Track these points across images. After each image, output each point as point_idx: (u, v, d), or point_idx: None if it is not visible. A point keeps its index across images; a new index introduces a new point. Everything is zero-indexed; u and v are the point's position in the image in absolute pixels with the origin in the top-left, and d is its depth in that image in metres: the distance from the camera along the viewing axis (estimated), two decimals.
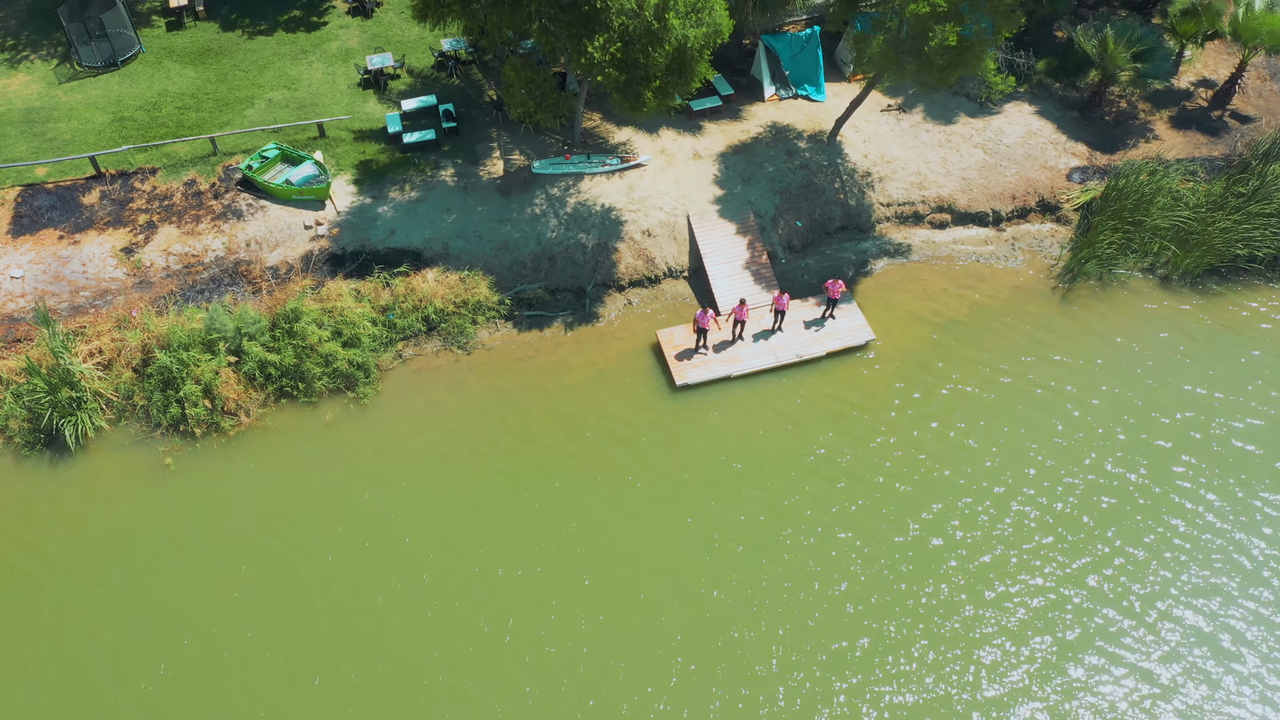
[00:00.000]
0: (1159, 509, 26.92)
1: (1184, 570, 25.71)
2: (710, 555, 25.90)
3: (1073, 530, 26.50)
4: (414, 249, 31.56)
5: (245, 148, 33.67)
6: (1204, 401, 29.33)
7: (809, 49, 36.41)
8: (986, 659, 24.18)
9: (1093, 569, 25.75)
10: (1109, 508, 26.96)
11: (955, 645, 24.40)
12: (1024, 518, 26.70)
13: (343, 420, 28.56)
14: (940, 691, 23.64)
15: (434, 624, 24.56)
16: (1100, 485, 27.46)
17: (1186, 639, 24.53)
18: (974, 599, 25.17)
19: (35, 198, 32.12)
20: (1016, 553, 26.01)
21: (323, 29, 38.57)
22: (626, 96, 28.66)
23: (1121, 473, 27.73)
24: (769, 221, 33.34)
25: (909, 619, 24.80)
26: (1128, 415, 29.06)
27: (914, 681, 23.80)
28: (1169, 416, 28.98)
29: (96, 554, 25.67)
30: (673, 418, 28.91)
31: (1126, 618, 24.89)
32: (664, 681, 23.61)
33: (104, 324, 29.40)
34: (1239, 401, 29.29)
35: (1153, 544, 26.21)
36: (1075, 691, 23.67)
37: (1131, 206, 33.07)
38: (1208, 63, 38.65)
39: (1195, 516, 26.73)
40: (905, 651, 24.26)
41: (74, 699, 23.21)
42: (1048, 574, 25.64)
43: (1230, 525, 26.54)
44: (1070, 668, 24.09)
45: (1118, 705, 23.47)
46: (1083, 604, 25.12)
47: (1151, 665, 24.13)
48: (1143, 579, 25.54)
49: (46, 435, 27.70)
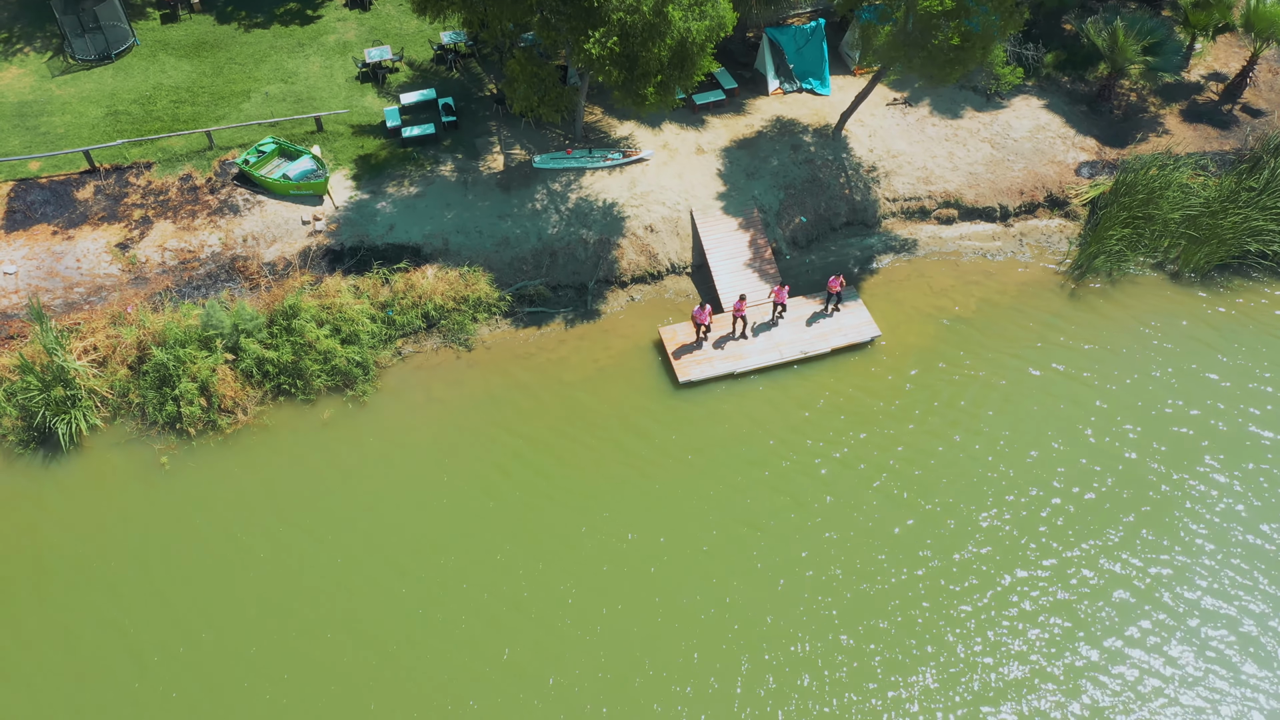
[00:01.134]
0: (1179, 497, 26.60)
1: (1204, 555, 25.46)
2: (721, 549, 25.49)
3: (1091, 516, 26.20)
4: (413, 245, 31.11)
5: (242, 142, 33.19)
6: (1222, 390, 28.93)
7: (813, 42, 35.92)
8: (1004, 643, 23.93)
9: (1110, 555, 25.46)
10: (1129, 497, 26.63)
11: (974, 630, 24.13)
12: (1039, 508, 26.34)
13: (341, 418, 28.14)
14: (962, 674, 23.40)
15: (432, 622, 24.16)
16: (1117, 472, 27.12)
17: (1208, 625, 24.29)
18: (991, 585, 24.92)
19: (28, 192, 31.66)
20: (1033, 540, 25.75)
21: (320, 22, 38.08)
22: (627, 93, 28.27)
23: (1138, 459, 27.41)
24: (773, 217, 32.88)
25: (929, 605, 24.52)
26: (1141, 402, 28.75)
27: (934, 664, 23.56)
28: (1186, 405, 28.58)
29: (89, 554, 25.25)
30: (675, 415, 28.49)
31: (1147, 603, 24.64)
32: (682, 681, 23.28)
33: (99, 320, 28.95)
34: (1258, 390, 28.90)
35: (1173, 531, 25.96)
36: (1093, 676, 23.40)
37: (1141, 201, 32.62)
38: (1218, 56, 38.15)
39: (1214, 503, 26.43)
40: (928, 634, 24.02)
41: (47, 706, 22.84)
42: (1066, 559, 25.37)
43: (1250, 512, 26.32)
44: (1087, 650, 23.86)
45: (1139, 690, 23.25)
46: (1102, 588, 24.85)
47: (1173, 650, 23.91)
48: (1165, 564, 25.28)
49: (40, 434, 27.28)
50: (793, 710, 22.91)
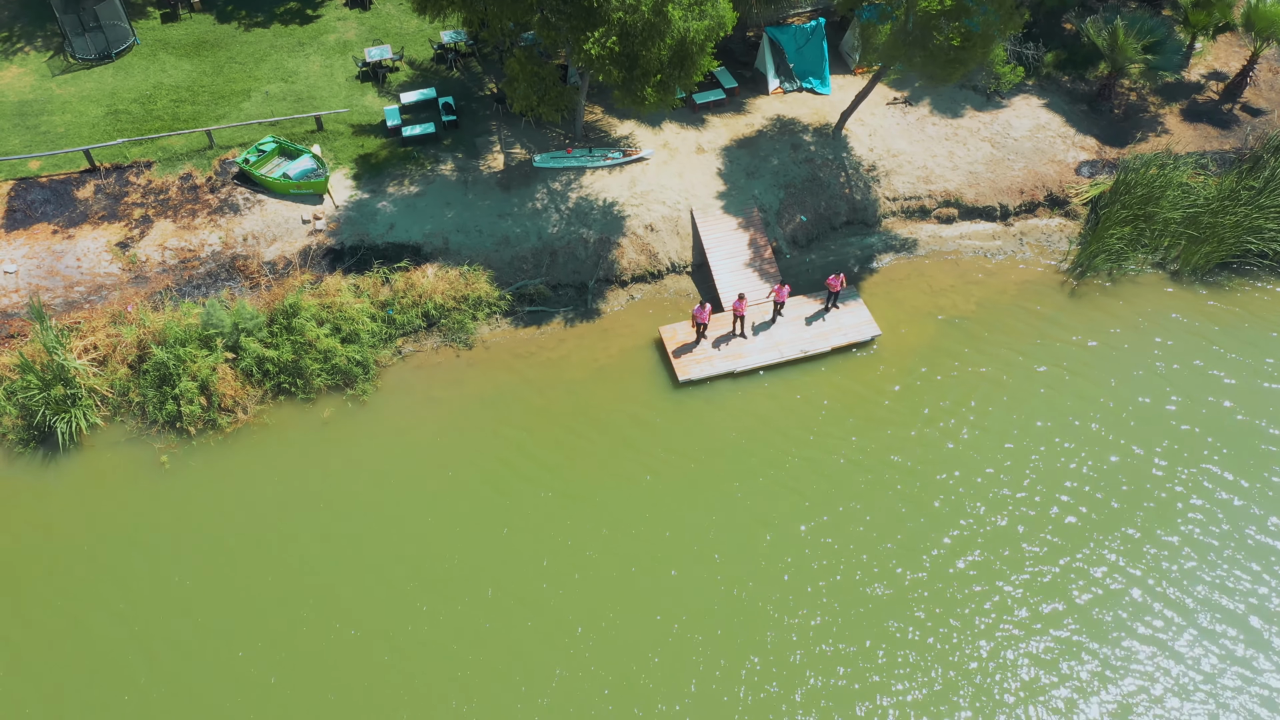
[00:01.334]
0: (1182, 492, 26.65)
1: (1210, 551, 25.51)
2: (723, 547, 25.49)
3: (1097, 511, 26.26)
4: (413, 244, 31.10)
5: (242, 141, 33.19)
6: (1226, 387, 28.95)
7: (814, 41, 35.90)
8: (1011, 639, 23.96)
9: (1117, 549, 25.53)
10: (1135, 493, 26.74)
11: (982, 628, 24.16)
12: (1044, 503, 26.36)
13: (341, 417, 28.13)
14: (970, 669, 23.43)
15: (432, 619, 24.15)
16: (1120, 466, 27.15)
17: (1215, 620, 24.34)
18: (1000, 578, 24.96)
19: (28, 192, 31.66)
20: (1038, 538, 25.76)
21: (320, 21, 38.07)
22: (627, 93, 28.25)
23: (1142, 454, 27.45)
24: (773, 216, 32.86)
25: (936, 601, 24.50)
26: (1144, 397, 28.79)
27: (943, 660, 23.56)
28: (1189, 402, 28.58)
29: (85, 553, 25.24)
30: (676, 413, 28.48)
31: (1152, 597, 24.71)
32: (687, 676, 23.29)
33: (99, 319, 28.94)
34: (1262, 386, 28.94)
35: (1178, 525, 26.02)
36: (1103, 669, 23.42)
37: (1141, 200, 32.61)
38: (1219, 55, 38.13)
39: (1223, 499, 26.45)
40: (935, 631, 24.07)
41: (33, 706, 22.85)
42: (1073, 554, 25.43)
43: (1258, 505, 26.42)
44: (1098, 647, 23.90)
45: (1149, 688, 23.30)
46: (1107, 582, 24.91)
47: (1182, 648, 23.96)
48: (1170, 559, 25.36)
49: (40, 432, 27.28)
50: (795, 712, 22.91)
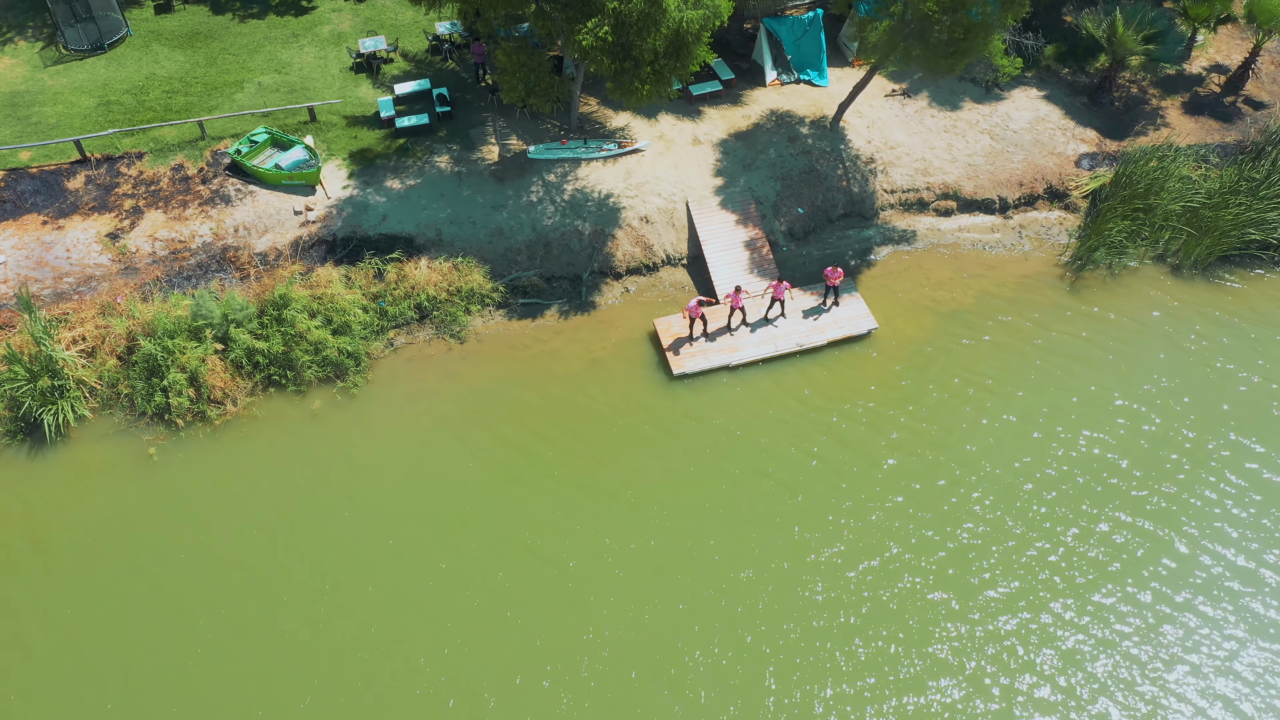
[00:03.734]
0: (1190, 487, 26.33)
1: (1231, 545, 25.22)
2: (718, 541, 25.18)
3: (1101, 504, 25.93)
4: (406, 235, 30.81)
5: (234, 132, 32.92)
6: (1227, 380, 28.63)
7: (811, 33, 35.61)
8: (1022, 632, 23.67)
9: (1119, 544, 25.17)
10: (1134, 480, 26.38)
11: (991, 620, 23.91)
12: (1043, 496, 26.03)
13: (332, 409, 27.85)
14: (983, 667, 23.12)
15: (426, 612, 23.86)
16: (1124, 460, 26.80)
17: (1229, 616, 24.06)
18: (1005, 572, 24.70)
19: (18, 182, 31.38)
20: (1037, 530, 25.44)
21: (315, 12, 37.80)
22: (619, 85, 27.97)
23: (1146, 448, 27.10)
24: (770, 208, 32.56)
25: (943, 589, 24.24)
26: (1147, 386, 28.47)
27: (952, 648, 23.25)
28: (1189, 395, 28.25)
29: (70, 546, 24.95)
30: (671, 407, 28.18)
31: (1166, 588, 24.46)
32: (681, 673, 23.00)
33: (88, 311, 28.67)
34: (1268, 377, 28.70)
35: (1186, 519, 25.72)
36: (1109, 663, 23.12)
37: (1142, 193, 32.30)
38: (1220, 47, 37.81)
39: (1237, 491, 26.18)
40: (947, 622, 23.80)
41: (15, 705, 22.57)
42: (1081, 553, 25.11)
43: (1266, 497, 26.16)
44: (1099, 649, 23.55)
45: (1165, 678, 23.04)
46: (1117, 573, 24.66)
47: (1197, 639, 23.68)
48: (1183, 558, 25.02)
49: (27, 424, 27.00)
50: (797, 714, 22.62)
